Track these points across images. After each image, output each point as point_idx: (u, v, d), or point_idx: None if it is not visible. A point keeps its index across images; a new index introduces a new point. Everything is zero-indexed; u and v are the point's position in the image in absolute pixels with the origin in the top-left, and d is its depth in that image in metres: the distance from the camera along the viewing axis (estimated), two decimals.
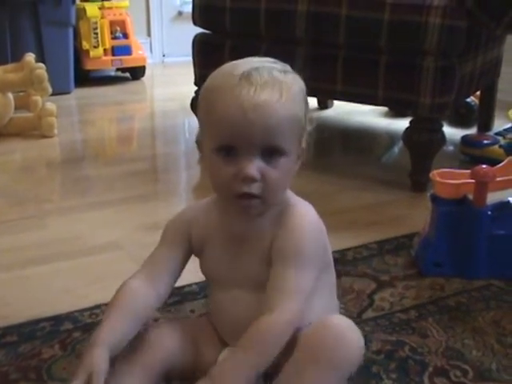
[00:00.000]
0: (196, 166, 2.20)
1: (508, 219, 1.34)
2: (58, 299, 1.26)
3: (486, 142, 2.06)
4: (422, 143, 1.81)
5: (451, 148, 2.23)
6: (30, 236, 1.57)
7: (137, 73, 3.46)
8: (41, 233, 1.59)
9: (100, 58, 3.27)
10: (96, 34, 3.22)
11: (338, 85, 1.88)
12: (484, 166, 1.33)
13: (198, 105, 0.89)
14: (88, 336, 1.12)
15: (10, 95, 2.40)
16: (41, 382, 1.00)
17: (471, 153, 2.08)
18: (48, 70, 2.45)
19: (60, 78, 2.93)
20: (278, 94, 0.82)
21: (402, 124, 1.93)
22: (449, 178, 1.37)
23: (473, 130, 2.41)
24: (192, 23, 2.13)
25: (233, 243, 0.92)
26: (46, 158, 2.27)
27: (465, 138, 2.13)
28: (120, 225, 1.64)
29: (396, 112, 2.61)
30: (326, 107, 2.77)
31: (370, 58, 1.82)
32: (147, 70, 3.49)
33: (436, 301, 1.25)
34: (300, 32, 1.89)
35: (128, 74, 3.47)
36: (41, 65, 2.43)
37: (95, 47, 3.23)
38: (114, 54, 3.31)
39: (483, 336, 1.13)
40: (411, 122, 1.84)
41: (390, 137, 2.50)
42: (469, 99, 2.40)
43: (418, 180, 1.82)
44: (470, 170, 1.33)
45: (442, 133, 1.83)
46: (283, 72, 0.85)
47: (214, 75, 0.88)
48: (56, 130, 2.42)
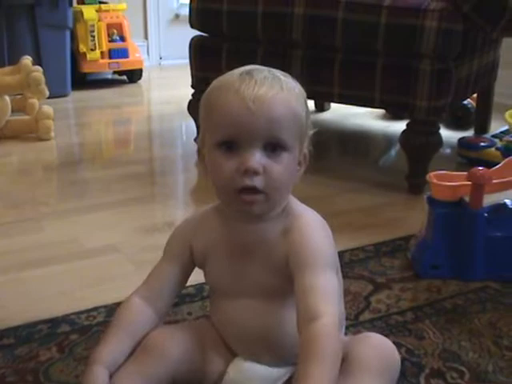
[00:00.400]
0: (193, 168, 2.20)
1: (504, 221, 1.35)
2: (55, 302, 1.26)
3: (482, 144, 2.07)
4: (419, 146, 1.82)
5: (448, 150, 2.24)
6: (27, 239, 1.57)
7: (134, 76, 3.46)
8: (38, 235, 1.59)
9: (97, 61, 3.27)
10: (93, 36, 3.22)
11: (335, 87, 1.89)
12: (480, 168, 1.33)
13: (200, 107, 0.88)
14: (85, 338, 1.13)
15: (7, 98, 2.40)
16: None
17: (468, 155, 2.09)
18: (45, 73, 2.45)
19: (57, 81, 2.92)
20: (278, 88, 0.83)
21: (399, 126, 1.94)
22: (445, 180, 1.37)
23: (470, 133, 2.41)
24: (189, 26, 2.14)
25: (238, 252, 0.90)
26: (43, 160, 2.27)
27: (462, 140, 2.14)
28: (117, 227, 1.64)
29: (393, 114, 2.61)
30: (323, 110, 2.78)
31: (367, 60, 1.83)
32: (144, 73, 3.49)
33: (432, 303, 1.26)
34: (297, 35, 1.89)
35: (125, 77, 3.47)
36: (38, 68, 2.43)
37: (92, 50, 3.23)
38: (110, 57, 3.31)
39: (480, 338, 1.13)
40: (408, 124, 1.84)
41: (387, 139, 2.51)
42: (466, 102, 2.41)
43: (415, 182, 1.83)
44: (466, 172, 1.34)
45: (439, 135, 1.84)
46: (284, 75, 0.86)
47: (216, 79, 0.88)
48: (53, 133, 2.42)
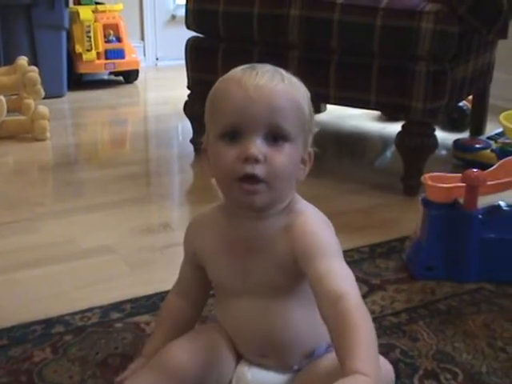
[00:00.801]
0: (189, 169, 2.20)
1: (498, 223, 1.35)
2: (50, 302, 1.26)
3: (478, 146, 2.07)
4: (414, 147, 1.82)
5: (444, 152, 2.24)
6: (23, 239, 1.57)
7: (130, 76, 3.45)
8: (33, 236, 1.59)
9: (93, 62, 3.26)
10: (89, 37, 3.21)
11: (330, 89, 1.89)
12: (475, 169, 1.34)
13: (206, 107, 0.88)
14: (79, 339, 1.13)
15: (3, 98, 2.40)
16: None
17: (463, 157, 2.09)
18: (41, 74, 2.45)
19: (53, 82, 2.92)
20: (279, 79, 0.84)
21: (395, 128, 1.94)
22: (440, 182, 1.37)
23: (465, 135, 2.41)
24: (185, 27, 2.14)
25: (240, 249, 0.90)
26: (39, 161, 2.26)
27: (457, 142, 2.14)
28: (113, 228, 1.64)
29: (389, 116, 2.62)
30: (319, 111, 2.77)
31: (363, 62, 1.83)
32: (140, 74, 3.49)
33: (427, 304, 1.26)
34: (293, 36, 1.89)
35: (121, 78, 3.47)
36: (33, 68, 2.43)
37: (88, 51, 3.23)
38: (107, 58, 3.30)
39: (474, 339, 1.14)
40: (403, 126, 1.85)
41: (382, 141, 2.51)
42: (461, 104, 2.41)
43: (410, 184, 1.83)
44: (461, 174, 1.34)
45: (434, 137, 1.84)
46: (286, 73, 0.88)
47: (220, 78, 0.89)
48: (48, 134, 2.41)
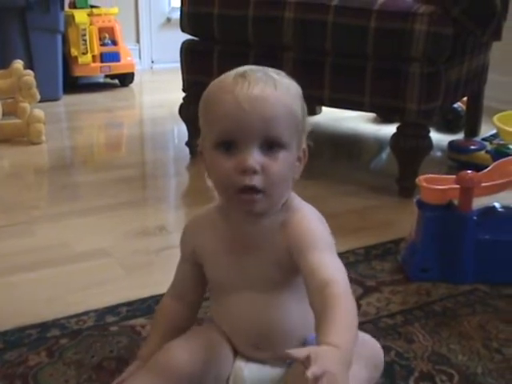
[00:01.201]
0: (185, 172, 2.20)
1: (493, 224, 1.36)
2: (46, 306, 1.26)
3: (472, 147, 2.07)
4: (409, 149, 1.82)
5: (439, 154, 2.24)
6: (18, 243, 1.57)
7: (125, 79, 3.45)
8: (28, 239, 1.59)
9: (89, 65, 3.27)
10: (85, 40, 3.21)
11: (325, 91, 1.89)
12: (469, 171, 1.34)
13: (199, 109, 0.90)
14: (75, 343, 1.13)
15: None
16: None
17: (458, 158, 2.09)
18: (36, 77, 2.45)
19: (48, 85, 2.92)
20: (272, 87, 0.84)
21: (390, 130, 1.94)
22: (435, 184, 1.38)
23: (460, 136, 2.42)
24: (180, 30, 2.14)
25: (237, 246, 0.92)
26: (34, 164, 2.26)
27: (452, 143, 2.15)
28: (108, 231, 1.64)
29: (384, 118, 2.62)
30: (315, 113, 2.78)
31: (357, 64, 1.83)
32: (136, 77, 3.49)
33: (422, 306, 1.26)
34: (287, 39, 1.90)
35: (117, 81, 3.47)
36: (29, 71, 2.43)
37: (84, 54, 3.23)
38: (102, 61, 3.30)
39: (469, 340, 1.14)
40: (398, 127, 1.85)
41: (377, 142, 2.51)
42: (456, 105, 2.42)
43: (405, 186, 1.83)
44: (455, 176, 1.34)
45: (429, 139, 1.84)
46: (278, 74, 0.88)
47: (212, 82, 0.90)
48: (44, 137, 2.41)
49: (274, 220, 0.89)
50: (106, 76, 3.47)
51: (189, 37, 2.14)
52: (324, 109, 2.78)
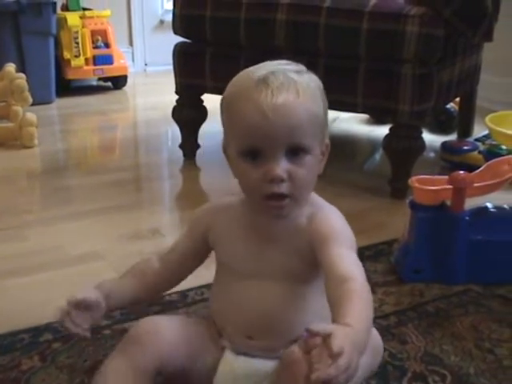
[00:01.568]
0: (178, 174, 2.20)
1: (486, 224, 1.36)
2: (38, 310, 1.25)
3: (465, 148, 2.08)
4: (402, 150, 1.83)
5: (431, 154, 2.25)
6: (11, 247, 1.57)
7: (119, 82, 3.45)
8: (21, 243, 1.59)
9: (81, 68, 3.26)
10: (77, 43, 3.21)
11: None
12: (461, 171, 1.34)
13: (221, 111, 0.92)
14: (68, 347, 1.12)
15: None
16: None
17: (451, 159, 2.10)
18: (29, 80, 2.44)
19: (41, 88, 2.92)
20: (295, 94, 0.85)
21: (383, 131, 1.95)
22: (427, 184, 1.38)
23: (453, 137, 2.43)
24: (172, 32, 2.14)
25: (261, 237, 0.94)
26: (27, 168, 2.26)
27: (445, 144, 2.15)
28: (102, 235, 1.64)
29: (376, 119, 2.62)
30: None
31: (350, 65, 1.83)
32: (129, 79, 3.48)
33: (415, 307, 1.27)
34: (279, 41, 1.90)
35: (110, 84, 3.46)
36: (21, 75, 2.42)
37: (76, 57, 3.22)
38: (95, 64, 3.30)
39: (462, 341, 1.14)
40: (391, 129, 1.85)
41: (370, 144, 2.52)
42: (448, 106, 2.42)
43: (398, 187, 1.84)
44: (448, 176, 1.35)
45: (422, 139, 1.85)
46: (298, 72, 0.89)
47: (232, 83, 0.91)
48: (36, 140, 2.41)
49: (299, 214, 0.93)
50: (99, 79, 3.46)
51: (181, 39, 2.14)
52: None
